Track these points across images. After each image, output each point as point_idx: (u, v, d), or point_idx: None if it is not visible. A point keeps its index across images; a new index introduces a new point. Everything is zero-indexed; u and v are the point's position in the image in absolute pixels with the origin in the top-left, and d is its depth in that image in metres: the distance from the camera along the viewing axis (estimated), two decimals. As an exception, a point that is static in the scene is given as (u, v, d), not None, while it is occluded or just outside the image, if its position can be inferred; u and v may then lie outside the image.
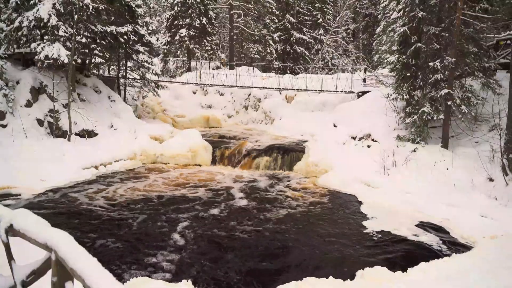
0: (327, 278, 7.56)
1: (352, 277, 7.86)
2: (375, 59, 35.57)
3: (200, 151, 19.03)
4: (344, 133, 18.68)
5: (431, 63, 15.29)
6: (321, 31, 40.83)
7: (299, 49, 38.85)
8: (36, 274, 3.40)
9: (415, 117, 15.68)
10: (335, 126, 20.04)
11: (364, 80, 23.20)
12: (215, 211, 12.26)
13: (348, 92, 22.82)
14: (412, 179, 14.10)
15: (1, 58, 17.73)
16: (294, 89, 25.02)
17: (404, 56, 16.41)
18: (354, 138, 18.15)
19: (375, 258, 9.03)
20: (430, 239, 10.20)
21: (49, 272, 3.15)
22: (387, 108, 17.86)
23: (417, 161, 14.82)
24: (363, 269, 7.97)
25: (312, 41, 40.30)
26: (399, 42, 17.19)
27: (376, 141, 17.26)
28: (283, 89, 25.41)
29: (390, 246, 9.87)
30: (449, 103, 14.79)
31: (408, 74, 16.42)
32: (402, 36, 16.77)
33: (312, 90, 24.17)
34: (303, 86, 24.80)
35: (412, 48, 15.97)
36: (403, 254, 9.39)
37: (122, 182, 15.30)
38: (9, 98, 17.12)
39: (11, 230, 3.40)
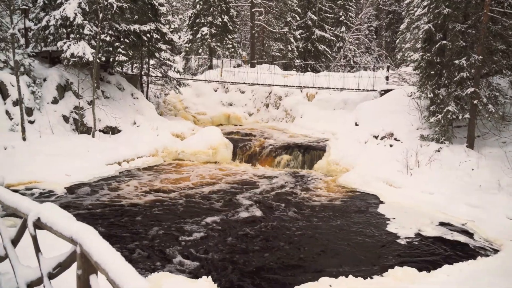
0: (346, 277, 7.50)
1: (371, 277, 7.78)
2: (399, 57, 34.99)
3: (221, 149, 19.13)
4: (366, 132, 18.45)
5: (456, 61, 14.93)
6: (343, 29, 40.43)
7: (321, 47, 38.57)
8: (62, 266, 3.48)
9: (440, 116, 15.35)
10: (356, 124, 19.81)
11: (387, 78, 22.84)
12: (234, 209, 12.31)
13: (370, 90, 22.53)
14: (436, 179, 13.81)
15: (29, 56, 18.25)
16: (315, 87, 24.85)
17: (428, 54, 16.06)
18: (376, 137, 17.90)
19: (396, 259, 8.91)
20: (454, 241, 9.99)
21: (74, 265, 3.22)
22: (410, 107, 17.54)
23: (441, 161, 14.52)
24: (386, 269, 7.88)
25: (334, 38, 39.95)
26: (424, 39, 16.84)
27: (399, 140, 16.98)
28: (304, 87, 25.27)
29: (412, 247, 9.72)
30: (475, 102, 14.41)
31: (433, 72, 16.07)
32: (426, 33, 16.42)
33: (333, 88, 23.96)
34: (325, 84, 24.60)
35: (437, 45, 15.62)
36: (425, 255, 9.23)
37: (144, 178, 15.52)
38: (37, 95, 17.60)
39: (38, 223, 3.49)
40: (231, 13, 34.87)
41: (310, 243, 9.81)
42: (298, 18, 38.10)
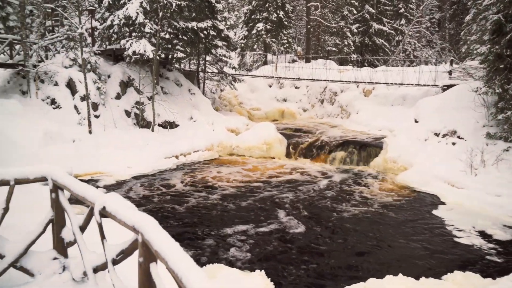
0: (395, 276, 7.26)
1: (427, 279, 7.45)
2: (463, 50, 32.94)
3: (275, 144, 19.18)
4: (426, 129, 17.64)
5: (530, 54, 13.83)
6: (403, 21, 38.82)
7: (379, 40, 37.32)
8: (125, 253, 3.66)
9: (509, 113, 14.31)
10: (416, 121, 19.00)
11: (450, 72, 21.65)
12: (287, 205, 12.30)
13: (432, 85, 21.48)
14: (503, 180, 12.91)
15: (95, 54, 19.33)
16: (372, 83, 24.14)
17: (497, 46, 14.99)
18: (437, 134, 17.06)
19: (456, 263, 8.46)
20: (523, 246, 9.31)
21: (136, 253, 3.37)
22: (475, 103, 16.51)
23: (509, 161, 13.55)
24: (445, 273, 7.51)
25: (393, 32, 38.49)
26: (492, 31, 15.74)
27: (462, 138, 16.07)
28: (361, 82, 24.64)
29: (475, 251, 9.18)
30: (550, 97, 13.29)
31: (502, 66, 14.98)
32: (495, 24, 15.33)
33: (391, 83, 23.14)
34: (382, 79, 23.84)
35: (508, 37, 14.54)
36: (490, 261, 8.68)
37: (200, 171, 15.93)
38: (102, 91, 18.63)
39: (103, 212, 3.70)
40: (286, 8, 34.71)
41: (364, 243, 9.58)
42: (355, 12, 37.13)
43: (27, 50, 17.52)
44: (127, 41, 19.10)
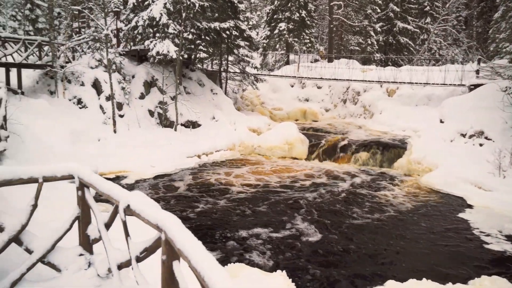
0: (419, 280, 7.11)
1: (453, 284, 7.27)
2: (491, 49, 32.08)
3: (297, 144, 19.10)
4: (452, 130, 17.24)
5: (562, 52, 13.34)
6: (428, 20, 38.05)
7: (403, 39, 36.72)
8: (148, 251, 3.72)
9: (540, 113, 13.85)
10: (441, 121, 18.60)
11: (477, 72, 21.10)
12: (308, 206, 12.23)
13: (458, 85, 20.99)
14: (534, 183, 12.52)
15: (120, 55, 19.69)
16: (396, 82, 23.76)
17: (528, 44, 14.53)
18: (463, 135, 16.66)
19: (483, 268, 8.23)
20: (555, 252, 8.98)
21: (159, 251, 3.41)
22: (504, 103, 16.03)
23: (540, 162, 13.12)
24: (471, 278, 7.32)
25: (418, 30, 37.78)
26: (523, 28, 15.26)
27: (490, 139, 15.64)
28: (384, 82, 24.28)
29: (505, 257, 8.90)
30: None
31: (533, 65, 14.52)
32: (526, 22, 14.85)
33: (416, 83, 22.74)
34: (407, 79, 23.44)
35: (539, 34, 14.07)
36: (519, 265, 8.41)
37: (221, 171, 16.01)
38: (126, 91, 18.97)
39: (128, 210, 3.76)
40: (309, 8, 34.54)
41: (387, 246, 9.43)
42: (378, 10, 36.63)
43: (55, 51, 17.99)
44: (151, 41, 19.37)
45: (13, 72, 17.44)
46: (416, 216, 11.44)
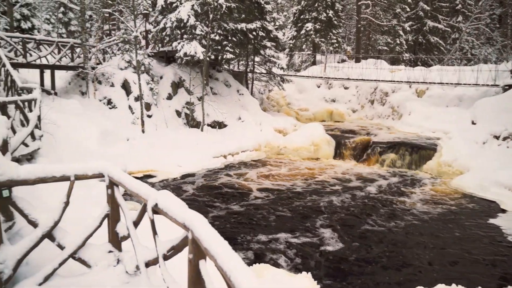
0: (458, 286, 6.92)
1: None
2: (527, 47, 30.91)
3: (323, 145, 18.95)
4: (484, 131, 16.70)
5: None
6: (460, 18, 36.99)
7: (433, 39, 35.83)
8: (175, 249, 3.76)
9: None
10: (473, 123, 18.04)
11: (512, 71, 20.39)
12: (334, 208, 12.11)
13: (491, 85, 20.31)
14: None
15: (148, 56, 20.05)
16: (426, 83, 23.22)
17: None
18: (497, 137, 16.10)
19: (519, 274, 7.93)
20: None
21: (186, 249, 3.45)
22: (541, 103, 15.44)
23: None
24: (506, 286, 7.07)
25: (449, 29, 36.78)
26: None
27: (525, 142, 15.07)
28: (413, 82, 23.77)
29: (539, 262, 8.56)
30: None
31: None
32: None
33: (447, 83, 22.14)
34: (437, 79, 22.89)
35: None
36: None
37: (248, 171, 16.05)
38: (154, 91, 19.30)
39: (156, 209, 3.81)
40: (336, 8, 34.22)
41: (414, 250, 9.22)
42: (408, 9, 35.88)
43: (86, 53, 18.50)
44: (179, 43, 19.64)
45: (47, 73, 18.06)
46: (445, 220, 11.14)
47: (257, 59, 26.37)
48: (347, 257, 8.66)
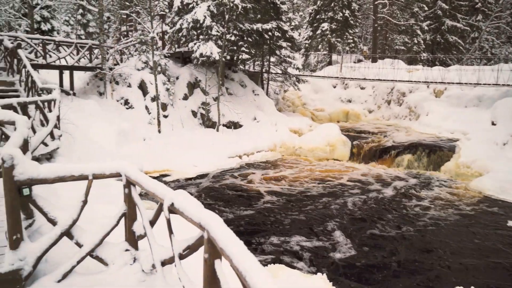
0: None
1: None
2: (550, 47, 30.14)
3: (339, 146, 18.82)
4: (505, 132, 16.35)
5: None
6: (479, 17, 36.30)
7: (452, 38, 35.24)
8: (191, 249, 3.78)
9: None
10: (493, 124, 17.69)
11: (534, 71, 19.91)
12: (351, 210, 12.01)
13: (512, 85, 19.89)
14: None
15: (165, 57, 20.22)
16: (444, 83, 22.84)
17: None
18: (518, 138, 15.76)
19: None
20: None
21: (201, 249, 3.46)
22: None
23: None
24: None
25: (468, 28, 36.14)
26: None
27: (548, 143, 14.70)
28: (431, 82, 23.42)
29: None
30: None
31: None
32: None
33: (466, 83, 21.74)
34: (456, 79, 22.50)
35: None
36: None
37: (262, 172, 16.05)
38: (170, 92, 19.46)
39: (172, 208, 3.84)
40: (352, 7, 33.93)
41: (432, 254, 9.07)
42: (426, 8, 35.37)
43: (104, 54, 18.76)
44: (195, 43, 19.75)
45: (66, 74, 18.37)
46: (464, 224, 10.94)
47: (272, 59, 26.35)
48: (363, 260, 8.58)
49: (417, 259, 8.68)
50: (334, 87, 30.21)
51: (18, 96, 13.25)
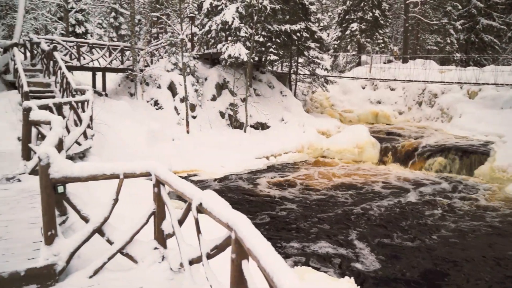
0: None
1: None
2: None
3: (367, 148, 18.52)
4: (543, 135, 15.70)
5: None
6: (517, 15, 34.93)
7: (487, 37, 34.07)
8: (218, 249, 3.80)
9: None
10: (531, 126, 17.00)
11: None
12: (380, 214, 11.79)
13: (552, 86, 19.06)
14: None
15: (194, 58, 20.48)
16: (479, 83, 22.11)
17: None
18: (557, 141, 15.08)
19: None
20: None
21: (228, 249, 3.48)
22: None
23: None
24: None
25: (505, 27, 34.83)
26: None
27: None
28: (465, 83, 22.71)
29: None
30: None
31: None
32: None
33: (502, 84, 20.98)
34: (491, 79, 21.74)
35: None
36: None
37: (289, 173, 15.99)
38: (199, 93, 19.69)
39: (200, 208, 3.88)
40: (383, 7, 33.38)
41: (464, 264, 8.79)
42: (459, 7, 34.38)
43: (135, 56, 19.18)
44: (223, 45, 19.91)
45: (99, 75, 18.90)
46: (499, 231, 10.55)
47: (300, 60, 26.23)
48: (391, 267, 8.41)
49: (448, 268, 8.42)
50: (363, 88, 29.78)
51: (53, 97, 13.72)
